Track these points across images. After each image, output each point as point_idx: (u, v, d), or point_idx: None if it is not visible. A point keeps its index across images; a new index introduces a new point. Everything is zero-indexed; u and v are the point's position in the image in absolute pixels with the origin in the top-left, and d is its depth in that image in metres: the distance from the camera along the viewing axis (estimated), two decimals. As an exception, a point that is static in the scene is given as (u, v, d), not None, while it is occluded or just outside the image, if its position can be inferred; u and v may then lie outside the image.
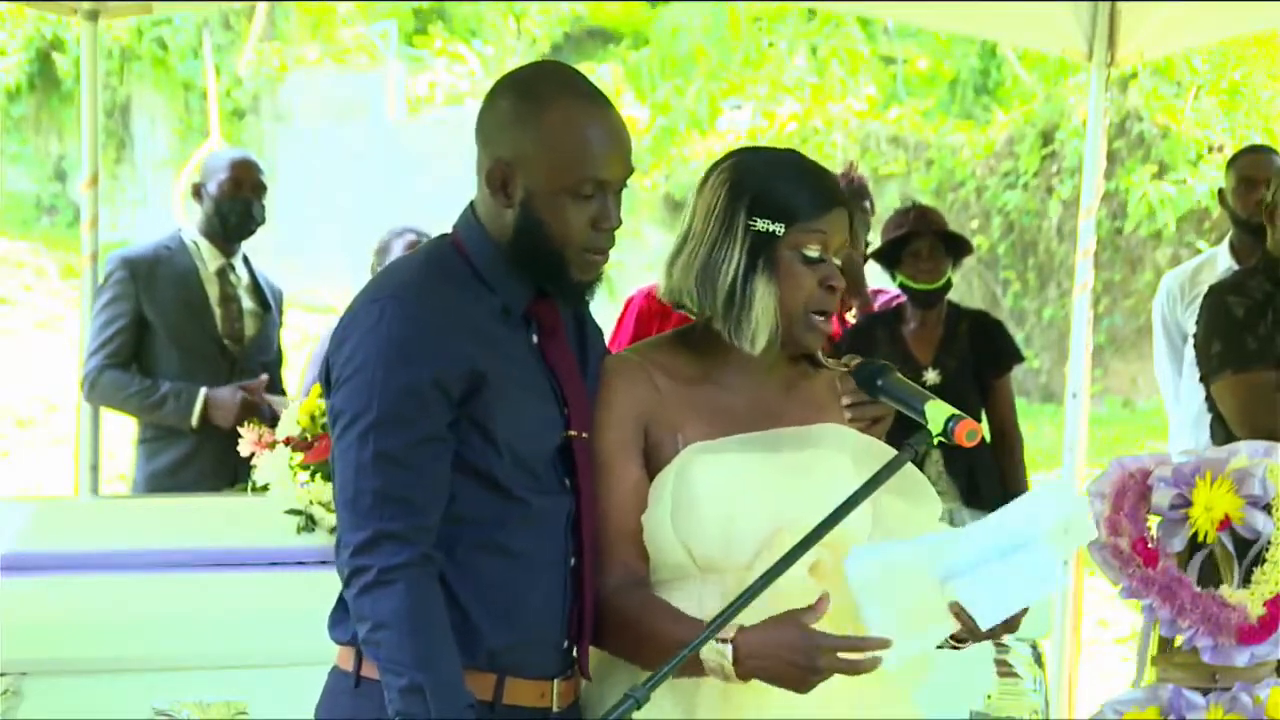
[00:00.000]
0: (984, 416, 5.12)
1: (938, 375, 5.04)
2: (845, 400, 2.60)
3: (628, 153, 2.46)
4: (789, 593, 2.36)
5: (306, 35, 16.24)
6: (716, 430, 2.49)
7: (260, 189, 5.14)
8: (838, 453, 2.51)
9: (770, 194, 2.49)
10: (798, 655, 2.29)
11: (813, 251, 2.48)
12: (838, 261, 2.53)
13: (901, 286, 5.14)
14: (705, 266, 2.50)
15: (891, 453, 2.42)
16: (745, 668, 2.31)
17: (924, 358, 5.05)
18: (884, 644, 2.31)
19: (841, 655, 2.29)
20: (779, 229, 2.47)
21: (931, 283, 5.09)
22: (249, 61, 15.78)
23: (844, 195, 2.56)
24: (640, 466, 2.49)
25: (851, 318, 5.11)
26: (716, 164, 2.57)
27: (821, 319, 2.51)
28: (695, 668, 2.35)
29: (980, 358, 5.14)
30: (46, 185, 16.35)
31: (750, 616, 2.32)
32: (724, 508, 2.44)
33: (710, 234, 2.51)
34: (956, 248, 5.16)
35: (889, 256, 5.11)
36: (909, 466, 2.41)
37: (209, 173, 5.15)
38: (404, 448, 2.33)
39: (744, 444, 2.49)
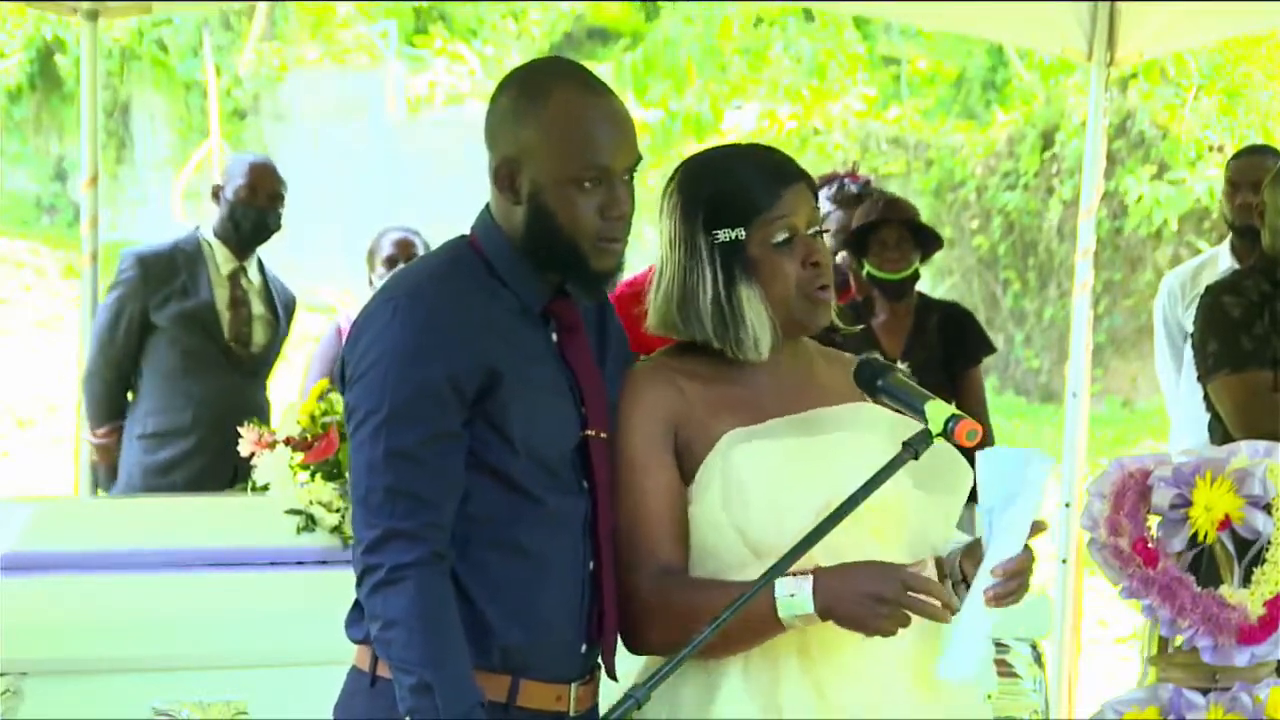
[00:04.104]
0: None
1: (907, 367, 5.02)
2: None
3: (632, 139, 2.44)
4: (851, 557, 2.38)
5: (306, 35, 16.23)
6: (747, 424, 2.47)
7: (277, 197, 5.18)
8: (871, 431, 2.49)
9: (720, 201, 2.46)
10: (874, 583, 2.30)
11: (782, 237, 2.46)
12: (814, 232, 2.48)
13: (868, 276, 5.11)
14: (683, 296, 2.49)
15: (917, 428, 2.40)
16: (823, 601, 2.31)
17: (893, 349, 5.00)
18: (952, 604, 2.32)
19: (913, 595, 2.29)
20: (740, 233, 2.45)
21: (896, 272, 5.04)
22: (249, 61, 15.77)
23: (796, 168, 2.52)
24: (672, 465, 2.47)
25: None
26: (665, 186, 2.54)
27: (820, 292, 2.48)
28: (745, 637, 2.35)
29: (950, 349, 5.11)
30: (46, 185, 16.33)
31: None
32: (771, 491, 2.42)
33: (679, 260, 2.49)
34: (926, 241, 5.13)
35: (857, 245, 5.06)
36: (942, 443, 2.37)
37: (229, 176, 5.21)
38: (416, 445, 2.33)
39: (780, 429, 2.47)
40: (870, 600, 2.30)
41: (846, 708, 2.40)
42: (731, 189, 2.47)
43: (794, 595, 2.32)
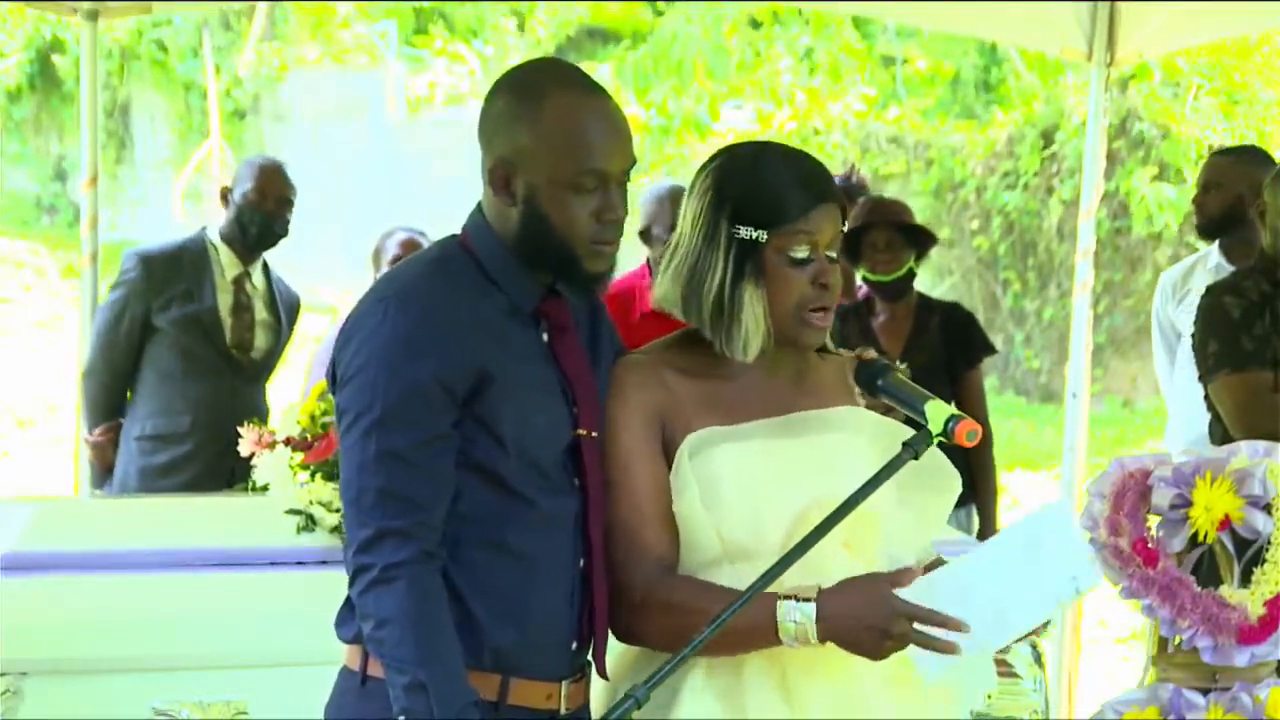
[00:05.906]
0: None
1: (906, 368, 5.01)
2: (857, 390, 2.59)
3: (628, 143, 2.44)
4: (825, 570, 2.37)
5: (306, 35, 16.24)
6: (731, 423, 2.47)
7: (285, 203, 5.13)
8: (856, 435, 2.50)
9: (751, 199, 2.46)
10: (876, 616, 2.30)
11: (800, 253, 2.45)
12: (832, 254, 2.49)
13: (863, 279, 5.11)
14: (691, 277, 2.49)
15: (908, 432, 2.40)
16: (826, 627, 2.31)
17: (893, 350, 5.00)
18: (960, 626, 2.31)
19: (918, 627, 2.30)
20: (762, 236, 2.44)
21: (888, 274, 5.04)
22: (249, 61, 15.78)
23: (833, 188, 2.51)
24: (661, 459, 2.47)
25: None
26: (704, 166, 2.54)
27: (817, 315, 2.48)
28: (741, 645, 2.36)
29: (951, 350, 5.10)
30: (46, 185, 16.35)
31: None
32: (749, 492, 2.42)
33: (695, 243, 2.48)
34: (919, 239, 5.12)
35: (849, 249, 5.07)
36: (932, 449, 2.38)
37: (238, 179, 5.17)
38: (407, 446, 2.33)
39: (764, 429, 2.48)
40: (876, 634, 2.31)
41: (815, 706, 2.40)
42: (766, 190, 2.46)
43: (797, 622, 2.32)
